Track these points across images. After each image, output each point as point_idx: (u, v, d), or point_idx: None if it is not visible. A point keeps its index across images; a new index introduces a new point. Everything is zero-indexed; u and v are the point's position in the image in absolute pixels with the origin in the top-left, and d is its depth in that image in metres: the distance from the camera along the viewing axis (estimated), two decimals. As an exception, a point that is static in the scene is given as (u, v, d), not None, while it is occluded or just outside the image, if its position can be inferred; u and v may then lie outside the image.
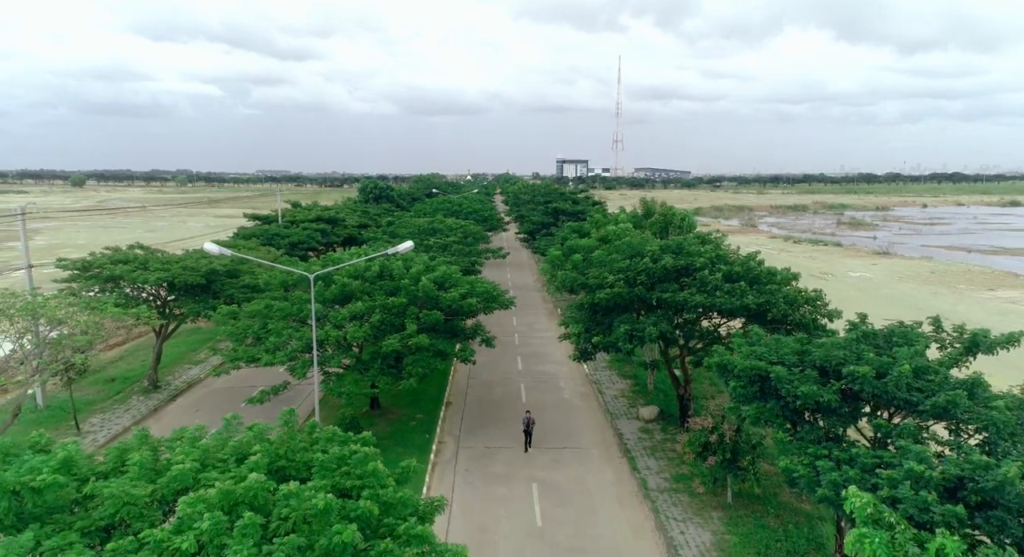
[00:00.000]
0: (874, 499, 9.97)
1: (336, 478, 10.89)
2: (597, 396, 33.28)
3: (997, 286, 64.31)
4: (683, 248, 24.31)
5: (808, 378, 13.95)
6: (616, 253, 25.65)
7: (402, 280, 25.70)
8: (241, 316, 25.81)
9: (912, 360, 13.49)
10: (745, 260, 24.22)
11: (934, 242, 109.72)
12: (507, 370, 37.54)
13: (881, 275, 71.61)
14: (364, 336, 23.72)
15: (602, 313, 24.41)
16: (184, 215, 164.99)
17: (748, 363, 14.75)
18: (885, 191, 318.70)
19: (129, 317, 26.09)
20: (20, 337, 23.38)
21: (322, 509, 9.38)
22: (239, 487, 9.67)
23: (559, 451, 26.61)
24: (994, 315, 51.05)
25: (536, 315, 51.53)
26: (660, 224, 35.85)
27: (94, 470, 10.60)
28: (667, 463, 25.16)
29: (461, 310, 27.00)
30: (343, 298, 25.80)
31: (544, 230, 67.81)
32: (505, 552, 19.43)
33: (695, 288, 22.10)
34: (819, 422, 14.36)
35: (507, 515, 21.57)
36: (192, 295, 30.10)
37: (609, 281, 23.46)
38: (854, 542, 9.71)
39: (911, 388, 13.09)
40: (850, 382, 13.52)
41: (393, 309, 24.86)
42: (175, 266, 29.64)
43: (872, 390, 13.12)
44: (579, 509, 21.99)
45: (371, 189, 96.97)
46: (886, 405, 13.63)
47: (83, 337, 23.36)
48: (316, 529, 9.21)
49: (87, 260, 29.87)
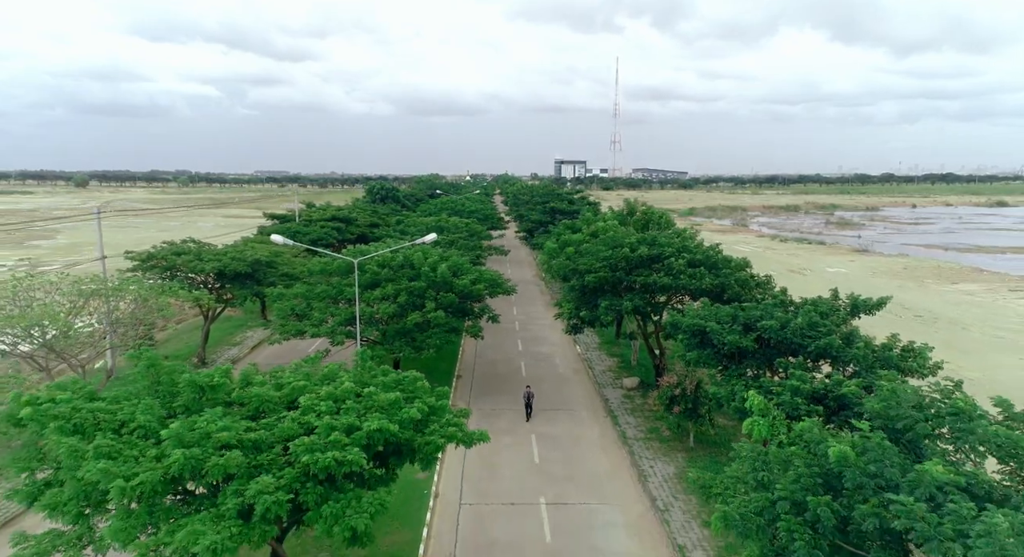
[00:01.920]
0: (764, 400, 15.02)
1: (396, 391, 15.91)
2: (587, 371, 38.32)
3: (960, 281, 69.48)
4: (656, 240, 29.41)
5: (734, 331, 18.97)
6: (602, 245, 30.70)
7: (422, 268, 30.70)
8: (287, 297, 30.81)
9: (806, 317, 18.48)
10: (706, 250, 29.29)
11: (915, 241, 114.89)
12: (509, 351, 42.56)
13: (856, 271, 76.71)
14: (392, 313, 28.75)
15: (589, 293, 29.50)
16: (193, 215, 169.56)
17: (691, 321, 19.79)
18: (878, 192, 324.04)
19: (191, 299, 31.04)
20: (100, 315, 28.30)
21: (393, 400, 14.43)
22: (339, 390, 14.71)
23: (554, 412, 31.62)
24: (950, 305, 56.22)
25: (534, 305, 56.59)
26: (641, 221, 41.01)
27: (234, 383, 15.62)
28: (643, 420, 30.21)
29: (471, 294, 32.02)
30: (372, 283, 30.81)
31: (542, 228, 72.86)
32: (511, 480, 24.45)
33: (663, 272, 27.18)
34: (744, 364, 19.36)
35: (512, 456, 26.59)
36: (239, 282, 35.09)
37: (595, 267, 28.57)
38: (747, 426, 14.74)
39: (804, 336, 18.10)
40: (762, 332, 18.55)
41: (415, 291, 29.89)
42: (225, 257, 34.64)
43: (777, 337, 18.14)
44: (569, 452, 27.02)
45: (377, 190, 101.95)
46: (787, 349, 18.61)
47: (159, 313, 28.32)
48: (391, 412, 14.23)
49: (151, 252, 34.84)
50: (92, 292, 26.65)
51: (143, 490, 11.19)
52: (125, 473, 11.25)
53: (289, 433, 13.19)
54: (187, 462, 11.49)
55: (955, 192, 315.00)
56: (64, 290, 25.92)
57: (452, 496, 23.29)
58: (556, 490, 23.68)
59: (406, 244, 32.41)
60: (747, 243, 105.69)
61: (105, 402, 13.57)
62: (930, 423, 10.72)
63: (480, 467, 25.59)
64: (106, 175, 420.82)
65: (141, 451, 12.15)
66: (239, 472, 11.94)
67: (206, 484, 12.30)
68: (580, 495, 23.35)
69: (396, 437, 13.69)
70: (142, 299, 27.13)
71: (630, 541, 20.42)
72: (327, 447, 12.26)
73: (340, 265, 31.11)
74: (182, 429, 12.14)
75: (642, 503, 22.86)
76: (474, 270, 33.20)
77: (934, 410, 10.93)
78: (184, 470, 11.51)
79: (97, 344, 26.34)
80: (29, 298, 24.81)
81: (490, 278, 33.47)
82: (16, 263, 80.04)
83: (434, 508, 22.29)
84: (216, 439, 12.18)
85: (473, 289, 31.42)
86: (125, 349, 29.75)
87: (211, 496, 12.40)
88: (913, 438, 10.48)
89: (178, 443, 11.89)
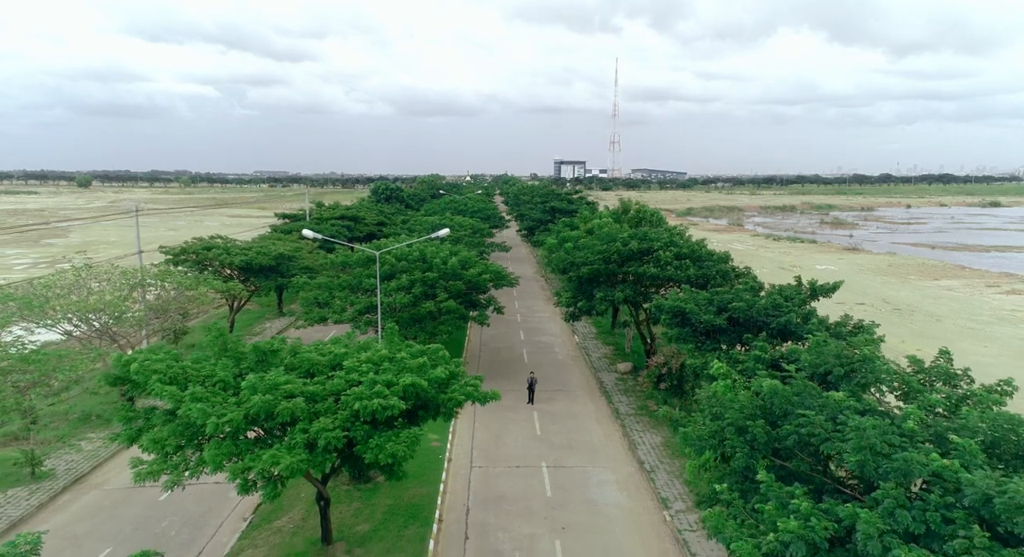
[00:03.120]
0: (725, 365, 18.01)
1: (423, 358, 18.97)
2: (585, 357, 41.38)
3: (941, 277, 72.58)
4: (647, 235, 32.47)
5: (709, 311, 22.01)
6: (597, 240, 33.76)
7: (434, 260, 33.76)
8: (311, 287, 33.86)
9: (770, 299, 21.51)
10: (692, 244, 32.36)
11: (905, 240, 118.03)
12: (512, 340, 45.62)
13: (844, 268, 79.78)
14: (407, 302, 31.79)
15: (586, 284, 32.59)
16: (198, 215, 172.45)
17: (672, 303, 22.87)
18: (874, 192, 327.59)
19: (224, 290, 34.07)
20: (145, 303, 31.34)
21: (422, 363, 17.49)
22: (375, 356, 17.76)
23: (554, 392, 34.66)
24: (928, 299, 59.31)
25: (535, 300, 59.68)
26: (634, 219, 44.08)
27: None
28: (635, 399, 33.25)
29: (478, 285, 35.09)
30: (389, 275, 33.85)
31: (542, 226, 75.94)
32: (515, 448, 27.50)
33: (652, 264, 30.25)
34: (718, 340, 22.40)
35: (515, 428, 29.64)
36: (264, 275, 38.14)
37: (590, 260, 31.64)
38: (711, 389, 17.72)
39: (768, 314, 21.13)
40: (733, 312, 21.60)
41: (428, 282, 32.93)
42: (251, 251, 37.69)
43: (745, 316, 21.18)
44: (567, 425, 30.08)
45: (382, 190, 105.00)
46: (754, 326, 21.62)
47: (197, 302, 31.35)
48: (420, 373, 17.27)
49: (183, 247, 37.90)
50: (139, 282, 29.69)
51: (230, 426, 14.23)
52: (216, 413, 14.29)
53: (338, 387, 16.23)
54: (263, 405, 14.52)
55: (950, 193, 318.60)
56: (115, 281, 28.93)
57: (464, 461, 26.34)
58: (556, 455, 26.74)
59: (422, 238, 35.44)
60: (741, 242, 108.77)
61: (189, 362, 16.61)
62: (844, 368, 13.69)
63: (487, 438, 28.63)
64: (108, 175, 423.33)
65: (224, 398, 15.19)
66: (302, 415, 14.97)
67: (274, 425, 15.32)
68: (577, 459, 26.41)
69: (425, 392, 16.72)
70: (184, 288, 30.14)
71: (620, 495, 23.46)
72: (372, 396, 15.30)
73: (360, 257, 34.16)
74: (256, 381, 15.17)
75: (631, 466, 25.91)
76: (481, 263, 36.27)
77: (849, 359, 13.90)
78: (261, 412, 14.54)
79: (145, 327, 29.34)
80: (86, 288, 27.82)
81: (495, 270, 36.56)
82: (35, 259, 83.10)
83: (448, 470, 25.35)
84: (283, 390, 15.22)
85: (480, 280, 34.47)
86: (164, 333, 32.90)
87: (279, 435, 15.45)
88: (832, 379, 13.48)
89: (253, 391, 14.92)
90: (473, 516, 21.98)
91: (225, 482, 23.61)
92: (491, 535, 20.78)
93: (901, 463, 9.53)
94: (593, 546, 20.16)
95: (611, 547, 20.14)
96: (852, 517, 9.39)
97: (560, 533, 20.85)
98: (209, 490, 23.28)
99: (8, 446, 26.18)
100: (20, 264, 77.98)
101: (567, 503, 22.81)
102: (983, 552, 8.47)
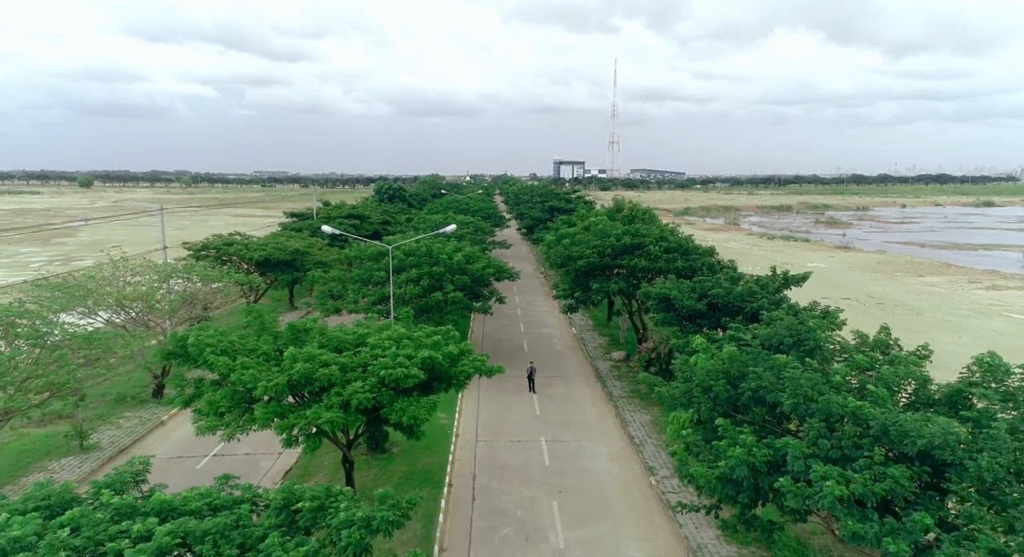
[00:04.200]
0: (704, 341, 20.55)
1: (437, 336, 21.52)
2: (582, 347, 43.93)
3: (927, 274, 75.20)
4: (638, 232, 35.06)
5: (691, 298, 24.58)
6: (592, 236, 36.35)
7: (441, 255, 36.32)
8: (326, 280, 36.41)
9: (745, 287, 24.06)
10: (680, 239, 34.95)
11: (896, 238, 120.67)
12: (513, 332, 48.17)
13: (834, 265, 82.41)
14: (417, 293, 34.35)
15: (582, 276, 35.16)
16: (203, 214, 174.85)
17: (658, 290, 25.43)
18: (871, 192, 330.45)
19: (246, 282, 36.61)
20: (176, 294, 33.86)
21: (437, 340, 20.04)
22: (395, 334, 20.32)
23: (552, 378, 37.20)
24: (912, 294, 61.91)
25: (534, 295, 62.24)
26: (627, 216, 46.67)
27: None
28: (627, 383, 35.79)
29: (481, 279, 37.64)
30: (399, 268, 36.40)
31: (541, 225, 78.51)
32: (516, 425, 30.06)
33: (643, 257, 32.84)
34: (699, 323, 24.96)
35: (516, 409, 32.19)
36: (280, 269, 40.70)
37: (586, 254, 34.21)
38: (692, 361, 20.28)
39: (743, 300, 23.68)
40: (712, 298, 24.17)
41: (435, 275, 35.48)
42: (269, 247, 40.25)
43: (723, 302, 23.74)
44: (565, 406, 32.62)
45: (386, 190, 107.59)
46: (731, 311, 24.16)
47: (221, 294, 33.85)
48: (435, 348, 19.82)
49: (205, 243, 40.44)
50: (168, 274, 32.23)
51: (276, 390, 16.78)
52: (264, 378, 16.84)
53: (365, 360, 18.78)
54: (304, 372, 17.06)
55: (946, 193, 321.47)
56: (148, 274, 31.47)
57: (470, 436, 28.89)
58: (554, 432, 29.30)
59: (429, 233, 37.99)
60: (736, 240, 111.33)
61: (235, 338, 19.16)
62: (793, 338, 16.21)
63: (491, 417, 31.18)
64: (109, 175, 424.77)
65: (267, 367, 17.74)
66: (336, 381, 17.51)
67: (312, 390, 17.87)
68: (573, 435, 28.97)
69: (440, 365, 19.27)
70: (211, 280, 32.68)
71: (611, 465, 26.02)
72: (396, 366, 17.85)
73: (372, 252, 36.70)
74: (296, 352, 17.72)
75: (623, 441, 28.47)
76: (484, 258, 38.84)
77: (798, 331, 16.43)
78: (301, 377, 17.08)
79: (174, 316, 31.86)
80: (123, 279, 30.36)
81: (498, 265, 39.14)
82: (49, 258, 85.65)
83: (456, 443, 27.89)
84: (319, 360, 17.76)
85: (484, 274, 37.03)
86: (189, 322, 35.43)
87: (315, 399, 18.00)
88: (784, 348, 15.98)
89: (295, 361, 17.47)
90: (479, 481, 24.53)
91: (255, 452, 26.33)
92: (495, 497, 23.32)
93: (824, 404, 12.07)
94: (586, 505, 22.70)
95: (602, 506, 22.69)
96: (785, 446, 11.92)
97: (557, 495, 23.39)
98: (240, 460, 25.80)
99: (52, 424, 28.76)
100: (36, 262, 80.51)
101: (564, 471, 25.36)
102: (879, 467, 11.01)
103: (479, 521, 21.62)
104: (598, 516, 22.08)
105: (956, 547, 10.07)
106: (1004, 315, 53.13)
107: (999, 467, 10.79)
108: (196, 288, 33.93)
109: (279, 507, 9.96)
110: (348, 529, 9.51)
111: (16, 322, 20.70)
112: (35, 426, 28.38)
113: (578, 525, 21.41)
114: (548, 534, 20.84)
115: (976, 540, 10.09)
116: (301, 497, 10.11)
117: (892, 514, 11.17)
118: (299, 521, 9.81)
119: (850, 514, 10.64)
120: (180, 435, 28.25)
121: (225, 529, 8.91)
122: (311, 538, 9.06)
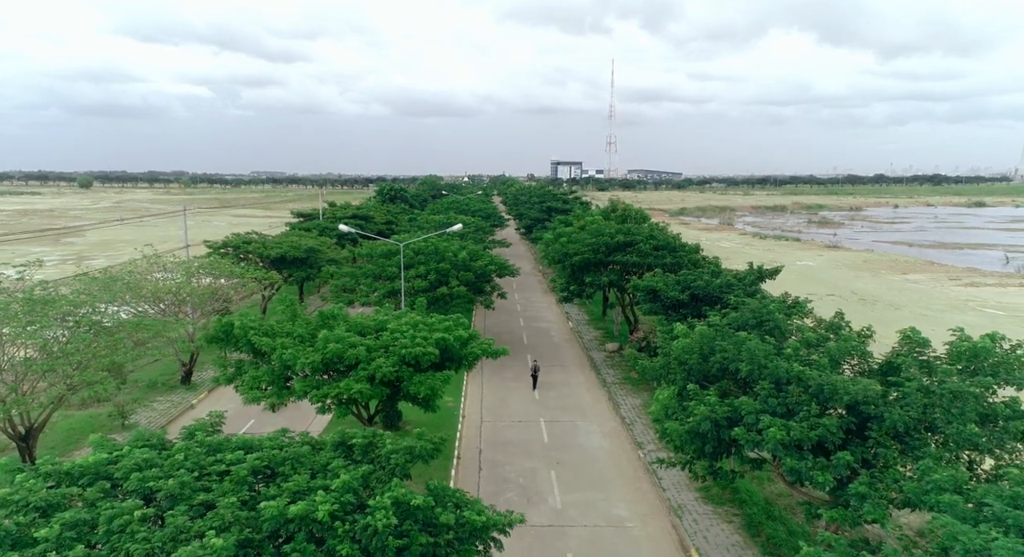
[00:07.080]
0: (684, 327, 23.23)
1: (448, 322, 24.22)
2: (577, 340, 46.66)
3: (910, 271, 78.12)
4: (630, 230, 37.82)
5: (675, 289, 27.35)
6: (587, 234, 39.10)
7: (447, 253, 39.04)
8: (340, 275, 39.09)
9: (724, 279, 26.79)
10: (668, 237, 37.71)
11: (885, 238, 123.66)
12: (513, 326, 50.89)
13: (822, 263, 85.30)
14: (425, 287, 37.06)
15: (577, 271, 37.94)
16: (205, 215, 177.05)
17: (646, 283, 28.23)
18: (865, 192, 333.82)
19: (265, 279, 39.22)
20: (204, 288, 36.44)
21: (446, 327, 22.75)
22: (411, 320, 23.03)
23: (550, 367, 39.89)
24: (893, 291, 64.77)
25: (533, 292, 64.99)
26: (621, 216, 49.49)
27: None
28: (620, 372, 38.53)
29: (484, 275, 40.38)
30: (408, 265, 39.10)
31: (539, 224, 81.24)
32: (517, 408, 32.78)
33: (634, 254, 35.62)
34: (682, 312, 27.73)
35: (516, 394, 34.90)
36: (295, 266, 43.35)
37: (582, 251, 36.97)
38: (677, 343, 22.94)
39: (722, 291, 26.43)
40: (694, 290, 26.94)
41: (442, 271, 38.20)
42: (284, 245, 42.90)
43: (704, 293, 26.52)
44: (561, 392, 35.35)
45: (387, 191, 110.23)
46: (711, 301, 26.91)
47: (244, 288, 36.45)
48: (448, 332, 22.53)
49: (224, 241, 43.07)
50: (195, 270, 34.86)
51: (312, 366, 19.47)
52: (302, 356, 19.53)
53: (387, 342, 21.50)
54: (336, 351, 19.76)
55: (940, 193, 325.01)
56: (175, 270, 34.10)
57: (475, 417, 31.59)
58: (551, 414, 32.02)
59: (436, 232, 40.70)
60: (729, 240, 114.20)
61: (273, 323, 21.86)
62: (756, 320, 18.93)
63: (494, 402, 33.89)
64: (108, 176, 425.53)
65: (303, 347, 20.43)
66: (363, 359, 20.20)
67: (342, 367, 20.56)
68: (569, 417, 31.69)
69: (451, 346, 21.99)
70: (233, 276, 35.31)
71: (604, 441, 28.76)
72: (414, 345, 20.55)
73: (383, 249, 39.43)
74: (329, 335, 20.42)
75: (615, 421, 31.20)
76: (487, 255, 41.59)
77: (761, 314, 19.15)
78: (334, 355, 19.79)
79: (200, 309, 34.50)
80: (154, 275, 32.99)
81: (499, 262, 41.91)
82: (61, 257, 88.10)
83: (463, 423, 30.59)
84: (348, 341, 20.46)
85: (486, 270, 39.76)
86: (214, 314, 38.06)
87: (343, 375, 20.69)
88: (748, 328, 18.68)
89: (327, 341, 20.16)
90: (485, 455, 27.23)
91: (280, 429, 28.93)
92: (499, 468, 26.02)
93: (773, 369, 14.81)
94: (581, 475, 25.42)
95: (595, 475, 25.42)
96: (741, 404, 14.66)
97: (555, 466, 26.11)
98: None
99: (92, 407, 31.39)
100: (50, 260, 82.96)
101: (561, 447, 28.07)
102: (815, 419, 13.76)
103: (486, 487, 24.33)
104: (591, 483, 24.80)
105: (870, 478, 12.80)
106: (978, 310, 55.99)
107: (910, 418, 13.53)
108: (220, 283, 36.54)
109: (336, 444, 12.61)
110: (396, 454, 12.20)
111: (73, 311, 23.28)
112: (76, 409, 31.03)
113: (573, 490, 24.13)
114: (547, 497, 23.56)
115: (886, 473, 12.82)
116: (353, 437, 12.77)
117: (825, 455, 13.89)
118: (354, 453, 12.46)
119: (789, 454, 13.37)
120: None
121: (300, 456, 11.59)
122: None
